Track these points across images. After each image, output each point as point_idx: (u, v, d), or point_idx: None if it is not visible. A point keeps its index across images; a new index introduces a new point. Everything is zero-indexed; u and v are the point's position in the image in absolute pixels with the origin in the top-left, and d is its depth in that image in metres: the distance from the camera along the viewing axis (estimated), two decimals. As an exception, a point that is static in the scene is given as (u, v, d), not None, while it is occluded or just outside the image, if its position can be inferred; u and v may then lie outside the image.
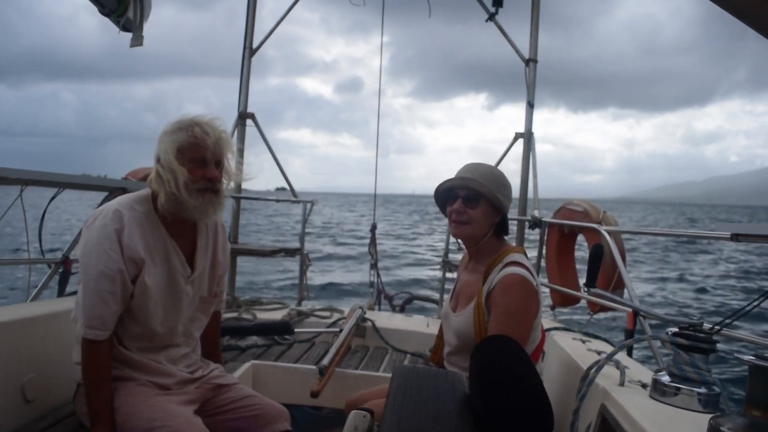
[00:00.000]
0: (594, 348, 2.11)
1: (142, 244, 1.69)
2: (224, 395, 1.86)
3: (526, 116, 4.83)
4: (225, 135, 1.81)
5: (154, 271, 1.72)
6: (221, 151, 1.78)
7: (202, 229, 1.89)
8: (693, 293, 15.07)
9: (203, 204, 1.73)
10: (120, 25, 3.19)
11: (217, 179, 1.77)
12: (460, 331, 1.84)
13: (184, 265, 1.81)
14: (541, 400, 0.60)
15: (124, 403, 1.65)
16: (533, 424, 0.58)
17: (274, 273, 15.09)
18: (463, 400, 0.60)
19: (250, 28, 5.00)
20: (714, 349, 1.44)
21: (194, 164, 1.73)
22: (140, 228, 1.71)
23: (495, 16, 4.77)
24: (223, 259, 2.00)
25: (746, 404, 1.07)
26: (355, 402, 1.98)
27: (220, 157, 1.78)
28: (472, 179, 1.82)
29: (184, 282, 1.81)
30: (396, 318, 3.88)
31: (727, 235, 2.09)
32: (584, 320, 4.57)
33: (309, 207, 4.71)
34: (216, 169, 1.77)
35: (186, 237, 1.84)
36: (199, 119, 1.77)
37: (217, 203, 1.79)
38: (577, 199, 4.73)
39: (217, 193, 1.78)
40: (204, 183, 1.73)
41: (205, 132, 1.73)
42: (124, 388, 1.68)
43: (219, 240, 1.98)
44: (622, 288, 3.32)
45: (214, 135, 1.74)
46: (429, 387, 0.62)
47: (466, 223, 1.84)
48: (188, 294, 1.83)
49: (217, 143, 1.75)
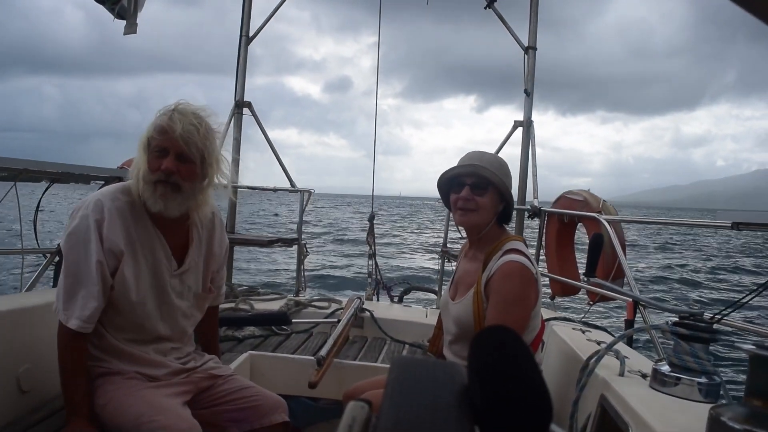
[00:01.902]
0: (594, 338, 2.11)
1: (123, 236, 1.64)
2: (221, 387, 1.84)
3: (525, 104, 4.81)
4: (197, 127, 1.65)
5: (134, 264, 1.67)
6: (189, 144, 1.64)
7: (195, 221, 1.82)
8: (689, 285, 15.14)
9: (156, 197, 1.64)
10: (114, 13, 3.16)
11: (174, 172, 1.64)
12: (459, 319, 1.83)
13: (170, 258, 1.75)
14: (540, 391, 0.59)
15: (112, 399, 1.62)
16: (532, 414, 0.57)
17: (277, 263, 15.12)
18: (462, 391, 0.59)
19: (246, 16, 4.96)
20: (714, 338, 1.43)
21: (154, 154, 1.65)
22: (122, 219, 1.66)
23: (494, 3, 4.73)
24: (219, 253, 1.94)
25: (747, 394, 1.06)
26: (353, 393, 1.97)
27: (184, 149, 1.64)
28: (482, 166, 1.81)
29: (170, 276, 1.75)
30: (394, 308, 3.87)
31: (728, 223, 2.08)
32: (584, 309, 4.57)
33: (307, 197, 4.69)
34: (178, 162, 1.64)
35: (176, 229, 1.77)
36: (180, 107, 1.68)
37: (176, 199, 1.66)
38: (576, 189, 4.71)
39: (175, 188, 1.65)
40: (159, 174, 1.63)
41: (173, 120, 1.63)
42: (111, 383, 1.65)
43: (216, 234, 1.92)
44: (622, 278, 3.32)
45: (182, 125, 1.62)
46: (427, 377, 0.61)
47: (472, 211, 1.82)
48: (175, 288, 1.77)
49: (184, 135, 1.62)
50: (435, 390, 0.58)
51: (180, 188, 1.66)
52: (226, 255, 2.02)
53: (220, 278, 2.00)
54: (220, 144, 1.78)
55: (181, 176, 1.65)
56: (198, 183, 1.71)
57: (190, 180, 1.68)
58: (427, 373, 0.62)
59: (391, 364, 0.64)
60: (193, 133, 1.63)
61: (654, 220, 4.29)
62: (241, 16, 4.97)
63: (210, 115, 1.72)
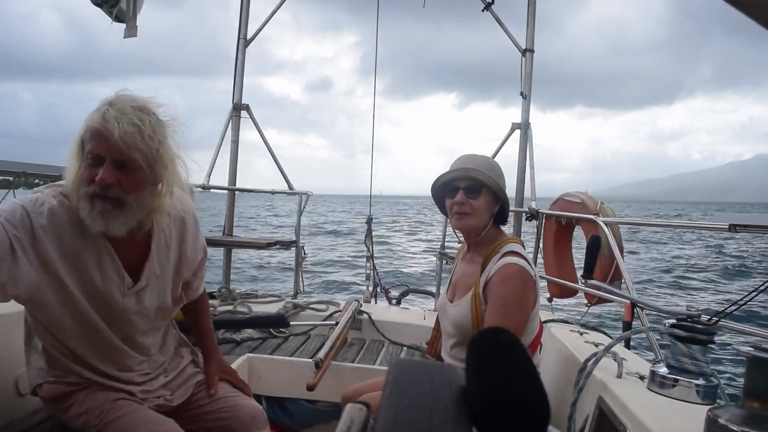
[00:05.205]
0: (591, 340, 2.11)
1: (55, 245, 1.37)
2: (196, 400, 1.72)
3: (522, 107, 4.80)
4: (140, 127, 1.33)
5: (65, 280, 1.39)
6: (131, 149, 1.33)
7: (157, 228, 1.54)
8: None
9: (94, 215, 1.34)
10: (113, 16, 3.16)
11: (112, 185, 1.33)
12: (457, 322, 1.83)
13: (121, 273, 1.48)
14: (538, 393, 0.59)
15: (90, 409, 1.50)
16: (530, 416, 0.57)
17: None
18: (460, 393, 0.59)
19: (244, 18, 4.96)
20: (712, 340, 1.43)
21: (89, 159, 1.34)
22: (61, 225, 1.38)
23: (491, 6, 4.74)
24: (193, 257, 1.69)
25: (744, 395, 1.07)
26: (352, 395, 1.97)
27: (124, 156, 1.33)
28: (473, 169, 1.81)
29: (121, 295, 1.49)
30: (392, 310, 3.87)
31: (725, 225, 2.08)
32: (582, 312, 4.57)
33: (304, 199, 4.70)
34: (119, 172, 1.34)
35: (131, 239, 1.47)
36: (117, 101, 1.36)
37: (118, 217, 1.36)
38: (574, 191, 4.72)
39: (117, 204, 1.36)
40: (94, 187, 1.33)
41: (107, 120, 1.31)
42: (86, 395, 1.53)
43: (188, 235, 1.66)
44: (620, 279, 3.32)
45: (121, 126, 1.30)
46: (425, 380, 0.61)
47: (468, 214, 1.82)
48: (129, 308, 1.51)
49: (125, 138, 1.31)
50: (433, 392, 0.58)
51: (123, 203, 1.36)
52: (204, 258, 1.77)
53: (197, 280, 1.78)
54: (176, 143, 1.47)
55: (123, 188, 1.35)
56: (148, 190, 1.42)
57: (136, 191, 1.38)
58: (425, 375, 0.62)
59: (390, 366, 0.64)
60: (134, 135, 1.32)
61: (652, 222, 4.31)
62: (239, 18, 4.98)
63: (158, 107, 1.42)
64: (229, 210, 4.98)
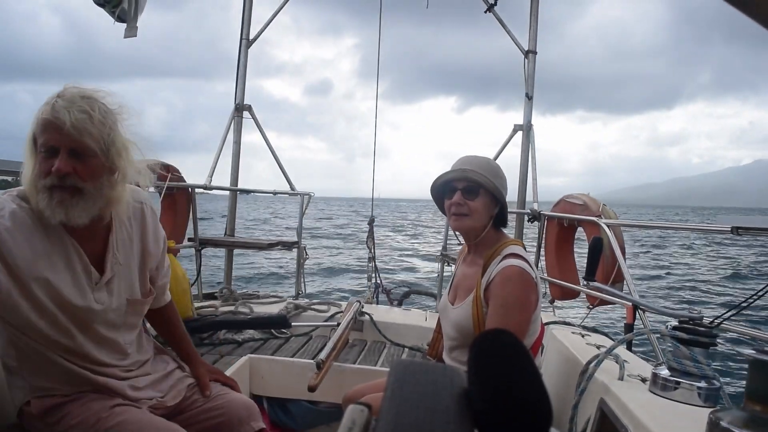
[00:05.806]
0: (593, 342, 2.11)
1: (21, 246, 1.37)
2: (192, 398, 1.72)
3: (525, 108, 4.81)
4: (90, 114, 1.36)
5: (36, 281, 1.38)
6: (83, 135, 1.35)
7: (116, 219, 1.55)
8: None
9: (54, 206, 1.36)
10: (115, 16, 3.17)
11: (69, 173, 1.36)
12: (458, 324, 1.83)
13: (88, 269, 1.49)
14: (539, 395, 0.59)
15: (84, 420, 1.47)
16: (532, 418, 0.57)
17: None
18: (462, 394, 0.59)
19: (246, 19, 4.97)
20: (714, 342, 1.43)
21: (43, 152, 1.36)
22: (25, 227, 1.39)
23: (494, 7, 4.74)
24: (155, 249, 1.68)
25: (746, 398, 1.07)
26: (353, 396, 1.97)
27: (78, 144, 1.36)
28: (470, 170, 1.81)
29: (92, 289, 1.49)
30: (394, 312, 3.87)
31: (727, 228, 2.08)
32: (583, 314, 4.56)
33: (306, 200, 4.70)
34: (74, 160, 1.36)
35: (96, 234, 1.51)
36: (64, 92, 1.37)
37: (77, 205, 1.38)
38: (577, 193, 4.72)
39: (75, 192, 1.38)
40: (51, 178, 1.35)
41: (57, 111, 1.33)
42: (87, 408, 1.49)
43: (148, 227, 1.66)
44: (622, 281, 3.31)
45: (71, 114, 1.33)
46: (427, 381, 0.61)
47: (465, 215, 1.82)
48: (101, 302, 1.51)
49: (76, 125, 1.34)
50: (435, 393, 0.58)
51: (81, 191, 1.38)
52: (164, 249, 1.77)
53: (161, 276, 1.77)
54: (130, 132, 1.48)
55: (80, 176, 1.38)
56: (105, 178, 1.43)
57: (93, 178, 1.40)
58: (426, 376, 0.62)
59: (391, 367, 0.64)
60: (85, 121, 1.35)
61: (654, 224, 4.29)
62: (242, 19, 4.98)
63: (105, 96, 1.44)
64: (230, 210, 4.98)
